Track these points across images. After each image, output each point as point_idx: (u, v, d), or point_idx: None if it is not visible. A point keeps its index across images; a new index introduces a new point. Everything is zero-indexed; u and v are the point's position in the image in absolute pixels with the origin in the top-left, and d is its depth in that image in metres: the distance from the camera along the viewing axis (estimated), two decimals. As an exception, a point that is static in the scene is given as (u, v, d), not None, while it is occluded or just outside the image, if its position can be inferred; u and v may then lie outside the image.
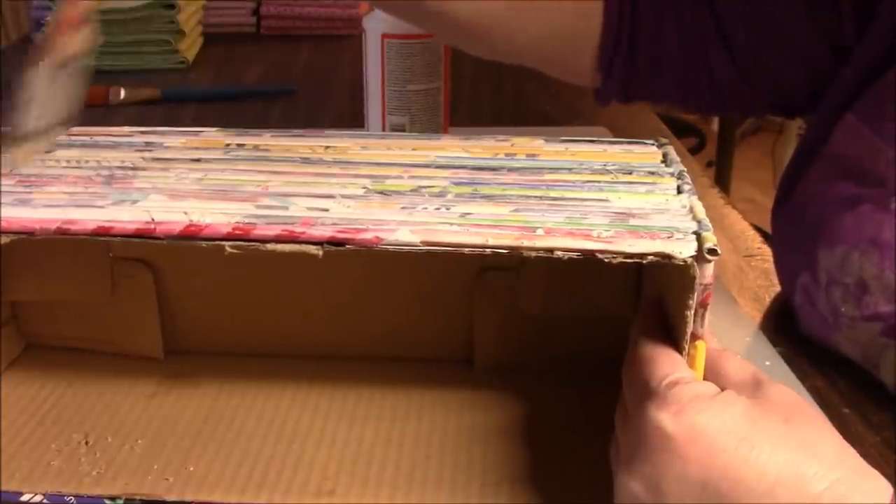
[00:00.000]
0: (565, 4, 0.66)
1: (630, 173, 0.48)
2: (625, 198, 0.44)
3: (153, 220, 0.42)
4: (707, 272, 0.38)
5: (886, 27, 0.57)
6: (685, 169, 0.49)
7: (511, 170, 0.48)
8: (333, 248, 0.40)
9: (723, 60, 0.65)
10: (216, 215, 0.42)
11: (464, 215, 0.42)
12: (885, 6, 0.57)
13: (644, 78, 0.68)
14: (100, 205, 0.43)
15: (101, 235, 0.41)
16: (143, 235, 0.41)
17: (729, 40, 0.64)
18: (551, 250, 0.39)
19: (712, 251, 0.38)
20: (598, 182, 0.47)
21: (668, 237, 0.40)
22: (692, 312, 0.39)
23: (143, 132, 0.54)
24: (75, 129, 0.54)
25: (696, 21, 0.65)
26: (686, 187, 0.46)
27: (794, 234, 0.61)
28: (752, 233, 0.77)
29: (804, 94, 0.65)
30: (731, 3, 0.64)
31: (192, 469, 0.47)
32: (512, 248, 0.39)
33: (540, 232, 0.40)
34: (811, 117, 0.63)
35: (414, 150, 0.51)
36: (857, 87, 0.58)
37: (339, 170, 0.48)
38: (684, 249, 0.39)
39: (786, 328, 0.61)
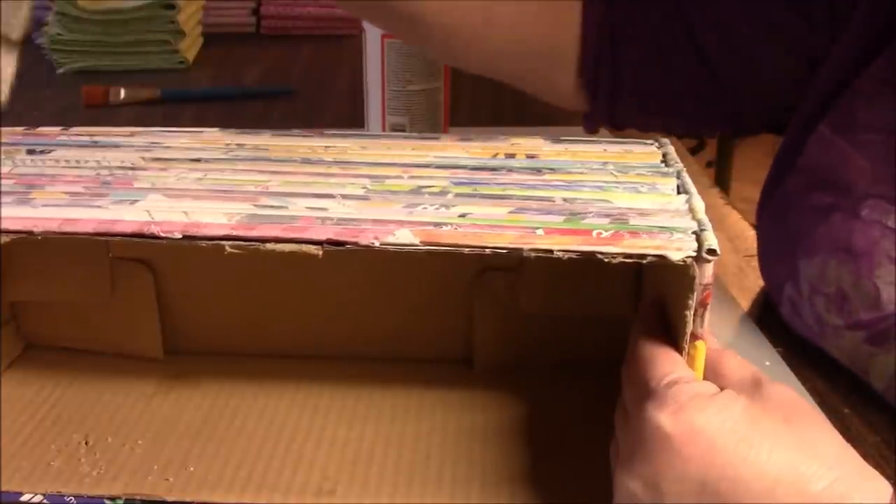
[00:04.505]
0: (539, 8, 0.63)
1: (630, 173, 0.48)
2: (625, 198, 0.44)
3: (153, 220, 0.42)
4: (707, 272, 0.38)
5: (858, 30, 0.56)
6: (685, 169, 0.49)
7: (511, 170, 0.48)
8: (333, 247, 0.40)
9: (706, 84, 0.64)
10: (216, 215, 0.42)
11: (464, 215, 0.42)
12: (862, 7, 0.56)
13: (630, 105, 0.67)
14: (100, 205, 0.43)
15: (101, 235, 0.41)
16: (143, 235, 0.41)
17: (709, 62, 0.63)
18: (551, 250, 0.39)
19: (712, 251, 0.38)
20: (598, 182, 0.47)
21: (668, 237, 0.40)
22: (692, 312, 0.39)
23: (143, 132, 0.54)
24: (75, 129, 0.54)
25: (675, 46, 0.64)
26: (686, 187, 0.46)
27: (775, 244, 0.61)
28: (752, 233, 0.77)
29: (789, 110, 0.64)
30: (707, 26, 0.63)
31: (192, 469, 0.47)
32: (512, 249, 0.39)
33: (540, 232, 0.40)
34: (787, 130, 0.63)
35: (413, 150, 0.51)
36: (829, 98, 0.57)
37: (339, 170, 0.48)
38: (684, 249, 0.39)
39: (785, 328, 0.61)
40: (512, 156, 0.50)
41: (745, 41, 0.62)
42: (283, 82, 1.18)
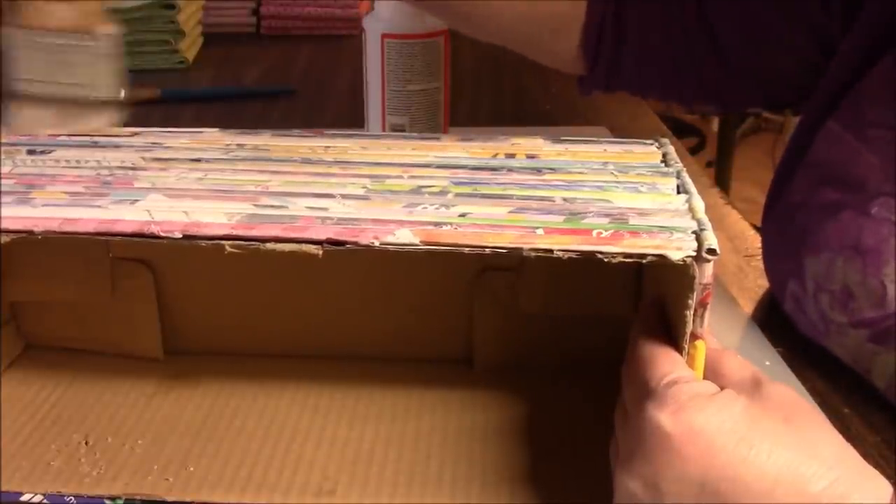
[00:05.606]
0: None
1: (630, 173, 0.48)
2: (624, 197, 0.44)
3: (153, 219, 0.42)
4: (706, 272, 0.38)
5: (865, 29, 0.57)
6: (685, 169, 0.49)
7: (511, 170, 0.48)
8: (333, 247, 0.40)
9: (711, 58, 0.65)
10: (216, 215, 0.42)
11: (464, 215, 0.42)
12: (869, 5, 0.57)
13: (629, 71, 0.69)
14: (100, 204, 0.43)
15: (101, 235, 0.41)
16: (143, 235, 0.41)
17: (717, 38, 0.64)
18: (551, 250, 0.39)
19: (711, 251, 0.38)
20: (598, 182, 0.47)
21: (668, 237, 0.40)
22: (692, 312, 0.39)
23: (143, 132, 0.54)
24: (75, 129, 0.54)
25: (683, 17, 0.65)
26: (686, 187, 0.46)
27: (781, 241, 0.61)
28: (752, 233, 0.77)
29: (793, 89, 0.65)
30: (719, 2, 0.64)
31: (192, 469, 0.47)
32: (512, 248, 0.39)
33: (539, 232, 0.40)
34: (796, 126, 0.63)
35: (414, 150, 0.51)
36: (838, 94, 0.58)
37: (339, 170, 0.48)
38: (684, 249, 0.39)
39: (786, 328, 0.61)
40: (512, 156, 0.50)
41: (764, 28, 0.62)
42: (283, 82, 1.18)
